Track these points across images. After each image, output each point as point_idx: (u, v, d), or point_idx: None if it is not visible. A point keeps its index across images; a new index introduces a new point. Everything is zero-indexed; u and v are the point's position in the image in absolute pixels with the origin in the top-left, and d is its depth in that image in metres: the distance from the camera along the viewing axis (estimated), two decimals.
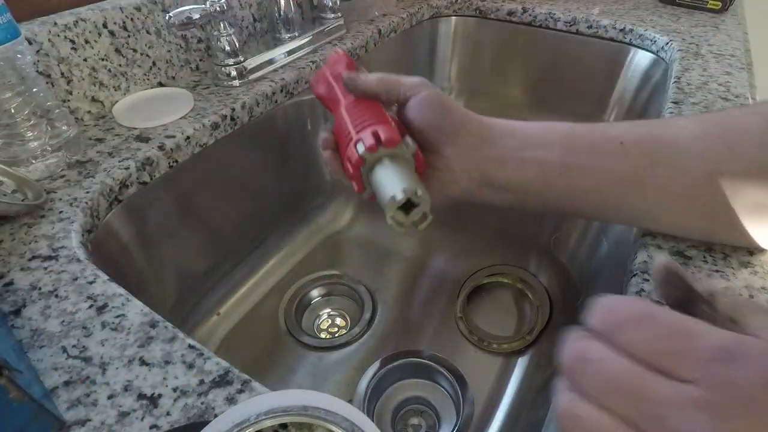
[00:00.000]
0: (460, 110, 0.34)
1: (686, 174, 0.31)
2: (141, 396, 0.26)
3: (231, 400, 0.26)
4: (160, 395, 0.26)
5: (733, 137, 0.31)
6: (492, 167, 0.34)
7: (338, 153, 0.35)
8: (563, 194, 0.34)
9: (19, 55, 0.41)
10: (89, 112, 0.53)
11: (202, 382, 0.27)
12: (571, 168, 0.33)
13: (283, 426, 0.24)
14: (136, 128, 0.51)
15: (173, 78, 0.61)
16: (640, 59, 0.74)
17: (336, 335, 0.61)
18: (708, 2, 0.79)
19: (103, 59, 0.53)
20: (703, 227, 0.33)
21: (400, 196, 0.28)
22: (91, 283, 0.33)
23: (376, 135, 0.30)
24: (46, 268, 0.34)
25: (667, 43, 0.69)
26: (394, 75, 0.35)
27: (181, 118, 0.53)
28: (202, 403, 0.26)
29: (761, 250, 0.34)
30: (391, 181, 0.29)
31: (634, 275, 0.33)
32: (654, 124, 0.36)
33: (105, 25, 0.52)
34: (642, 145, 0.32)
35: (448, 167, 0.34)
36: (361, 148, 0.30)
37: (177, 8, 0.50)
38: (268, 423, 0.23)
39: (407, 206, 0.29)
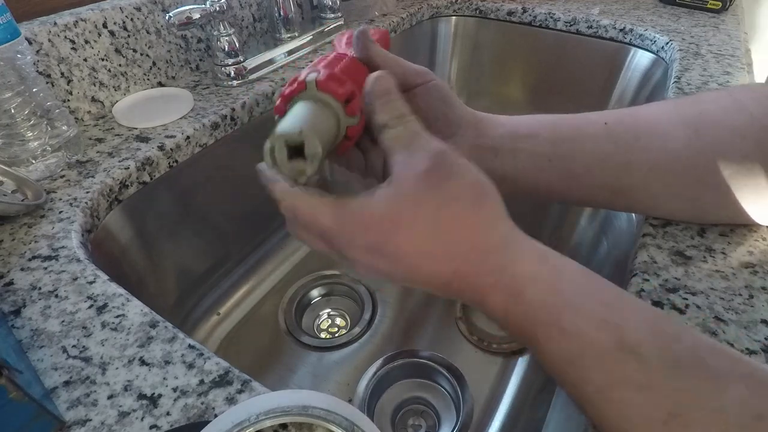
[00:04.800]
0: (461, 103, 0.35)
1: (667, 140, 0.33)
2: (141, 396, 0.26)
3: (231, 400, 0.26)
4: (160, 395, 0.26)
5: (704, 106, 0.34)
6: (487, 158, 0.35)
7: None
8: (555, 179, 0.35)
9: (19, 55, 0.41)
10: (89, 112, 0.53)
11: (202, 382, 0.27)
12: (560, 153, 0.34)
13: (283, 426, 0.24)
14: (136, 128, 0.51)
15: (173, 78, 0.61)
16: (640, 59, 0.74)
17: (336, 335, 0.61)
18: (708, 2, 0.79)
19: (103, 59, 0.53)
20: (692, 199, 0.34)
21: (289, 130, 0.26)
22: (91, 283, 0.33)
23: (330, 76, 0.28)
24: (46, 268, 0.34)
25: (667, 43, 0.69)
26: (401, 58, 0.35)
27: (181, 118, 0.53)
28: (202, 403, 0.26)
29: (762, 250, 0.34)
30: (297, 118, 0.27)
31: (634, 275, 0.33)
32: (632, 107, 0.38)
33: (105, 25, 0.52)
34: (624, 121, 0.35)
35: None
36: (311, 76, 0.28)
37: (177, 8, 0.50)
38: (268, 423, 0.23)
39: (295, 152, 0.27)
